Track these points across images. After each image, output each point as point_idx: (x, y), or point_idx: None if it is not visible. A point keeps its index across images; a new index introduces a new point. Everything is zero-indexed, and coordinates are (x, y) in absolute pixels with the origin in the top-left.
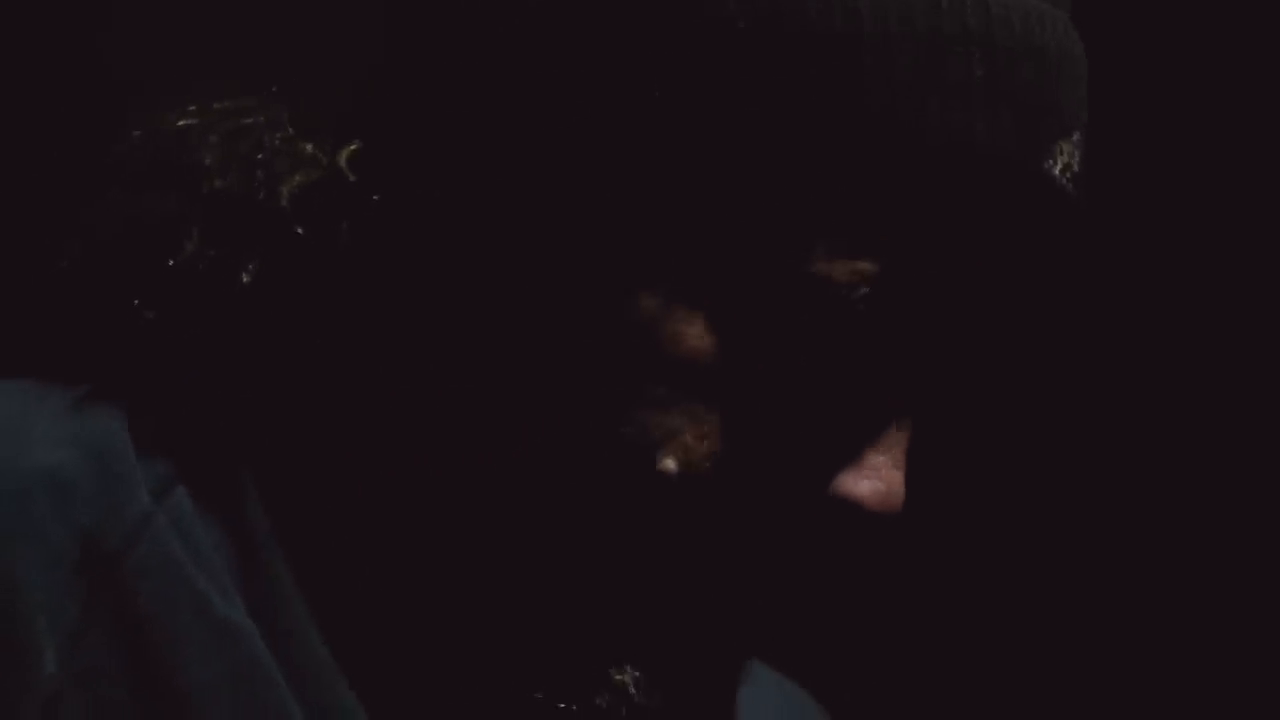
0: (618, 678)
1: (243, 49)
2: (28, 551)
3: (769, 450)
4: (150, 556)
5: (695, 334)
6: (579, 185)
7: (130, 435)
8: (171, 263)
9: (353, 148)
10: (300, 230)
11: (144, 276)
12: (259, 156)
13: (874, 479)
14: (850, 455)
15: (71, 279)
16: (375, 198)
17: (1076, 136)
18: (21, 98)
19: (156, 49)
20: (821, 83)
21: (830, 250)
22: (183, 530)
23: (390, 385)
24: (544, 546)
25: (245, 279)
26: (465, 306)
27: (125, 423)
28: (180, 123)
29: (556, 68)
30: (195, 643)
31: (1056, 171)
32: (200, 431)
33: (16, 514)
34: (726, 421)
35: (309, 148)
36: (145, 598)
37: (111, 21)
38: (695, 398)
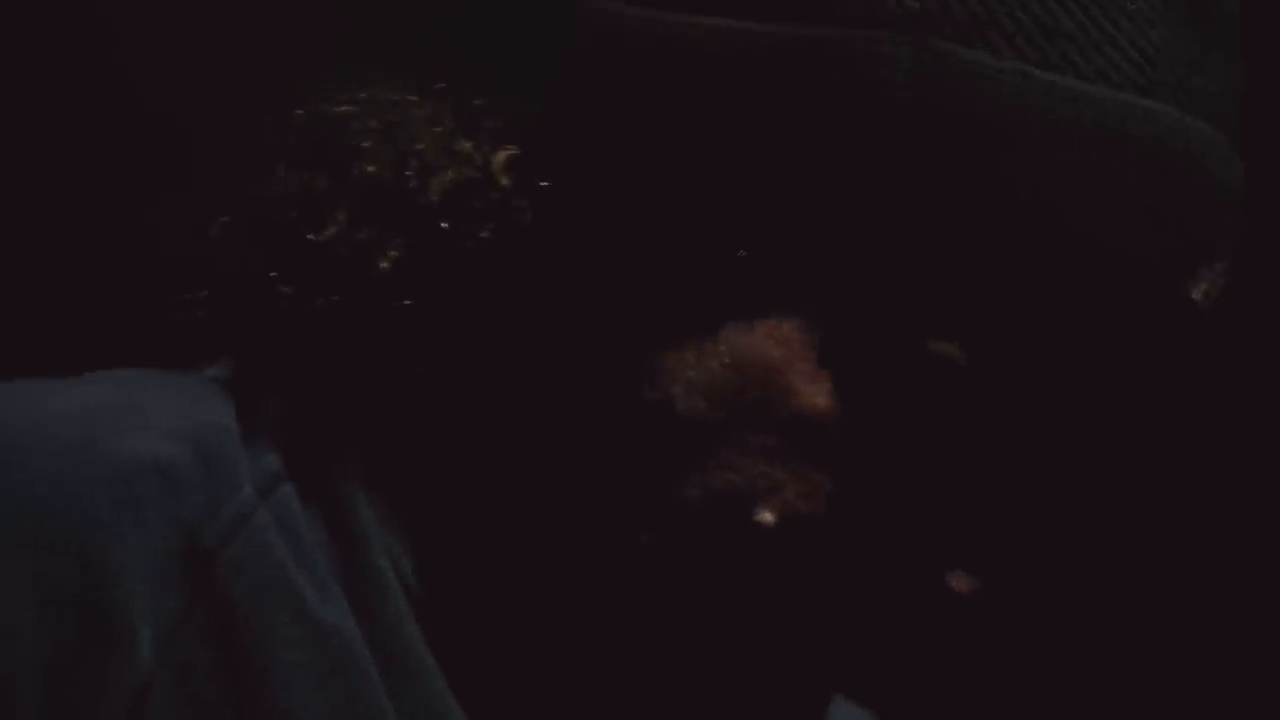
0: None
1: (411, 43)
2: (131, 540)
3: (868, 520)
4: (247, 553)
5: (814, 391)
6: (719, 225)
7: (240, 429)
8: (312, 238)
9: (511, 152)
10: (445, 225)
11: (285, 251)
12: (416, 148)
13: (970, 571)
14: (949, 537)
15: (216, 249)
16: (524, 204)
17: (1219, 266)
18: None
19: (328, 38)
20: (978, 169)
21: (956, 331)
22: (286, 527)
23: (506, 395)
24: (630, 575)
25: (384, 265)
26: (589, 327)
27: (235, 416)
28: (342, 108)
29: (726, 124)
30: (289, 642)
31: (1198, 296)
32: (313, 427)
33: (123, 502)
34: (831, 484)
35: (466, 146)
36: (240, 594)
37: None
38: (804, 455)
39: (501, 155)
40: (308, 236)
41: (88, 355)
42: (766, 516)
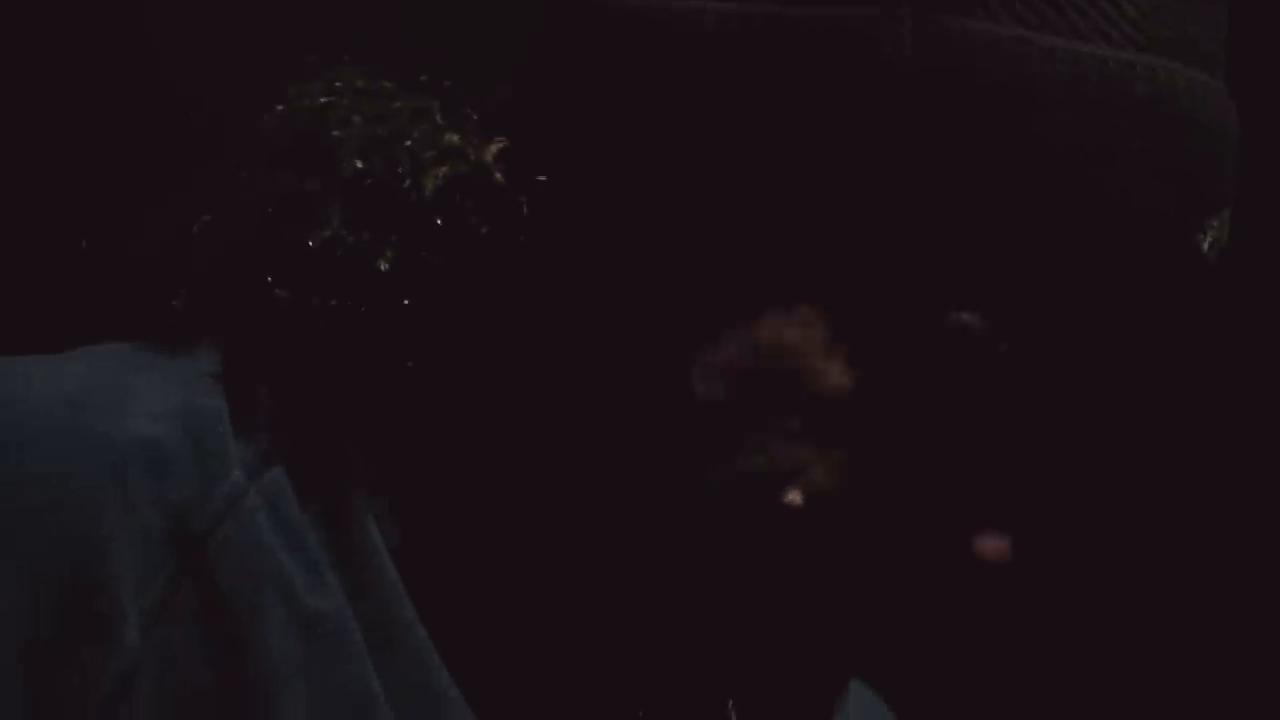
0: (722, 702)
1: (389, 31)
2: (120, 522)
3: (896, 493)
4: (236, 537)
5: (835, 371)
6: (728, 208)
7: (231, 411)
8: (311, 243)
9: (500, 145)
10: (440, 222)
11: (281, 254)
12: (405, 144)
13: (990, 534)
14: (976, 505)
15: (201, 248)
16: (521, 200)
17: (1226, 213)
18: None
19: (306, 25)
20: (983, 135)
21: (975, 301)
22: (276, 510)
23: (509, 385)
24: (659, 562)
25: (384, 266)
26: (598, 320)
27: (228, 398)
28: (322, 99)
29: (721, 92)
30: (276, 627)
31: (1206, 247)
32: (309, 411)
33: (112, 485)
34: (857, 461)
35: (455, 139)
36: (227, 578)
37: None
38: (829, 435)
39: (492, 148)
40: (305, 240)
41: (75, 336)
42: (795, 498)
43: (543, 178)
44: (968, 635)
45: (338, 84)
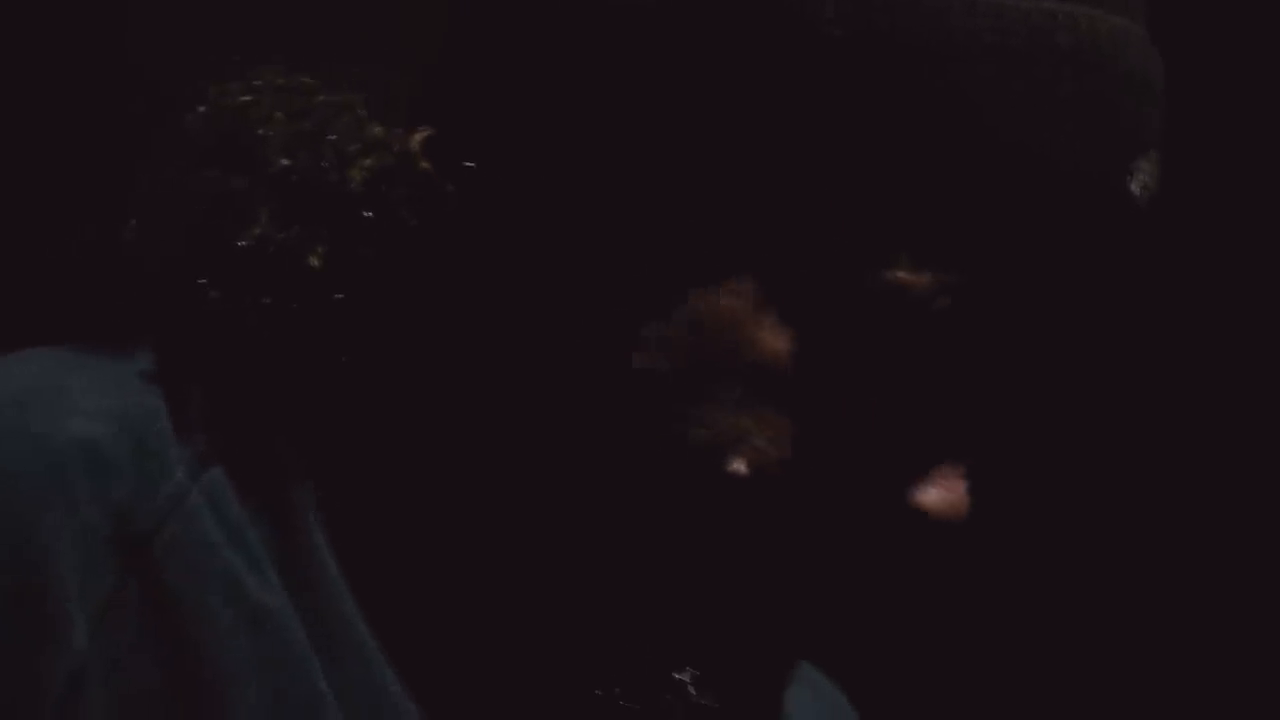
0: (677, 676)
1: (304, 25)
2: (62, 524)
3: (839, 456)
4: (180, 536)
5: (772, 338)
6: (657, 182)
7: (170, 411)
8: (241, 244)
9: (425, 134)
10: (369, 215)
11: (211, 256)
12: (329, 138)
13: (941, 488)
14: (919, 463)
15: (132, 252)
16: (449, 188)
17: (1154, 155)
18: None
19: (219, 23)
20: (911, 94)
21: (912, 259)
22: (218, 509)
23: (448, 374)
24: (607, 541)
25: (315, 263)
26: (533, 302)
27: (164, 398)
28: (242, 98)
29: (644, 64)
30: (223, 625)
31: (1136, 190)
32: (244, 409)
33: (53, 487)
34: (799, 426)
35: (378, 131)
36: (173, 577)
37: None
38: (769, 401)
39: (417, 137)
40: (232, 240)
41: (9, 339)
42: (739, 466)
43: (470, 164)
44: (921, 602)
45: (258, 82)
